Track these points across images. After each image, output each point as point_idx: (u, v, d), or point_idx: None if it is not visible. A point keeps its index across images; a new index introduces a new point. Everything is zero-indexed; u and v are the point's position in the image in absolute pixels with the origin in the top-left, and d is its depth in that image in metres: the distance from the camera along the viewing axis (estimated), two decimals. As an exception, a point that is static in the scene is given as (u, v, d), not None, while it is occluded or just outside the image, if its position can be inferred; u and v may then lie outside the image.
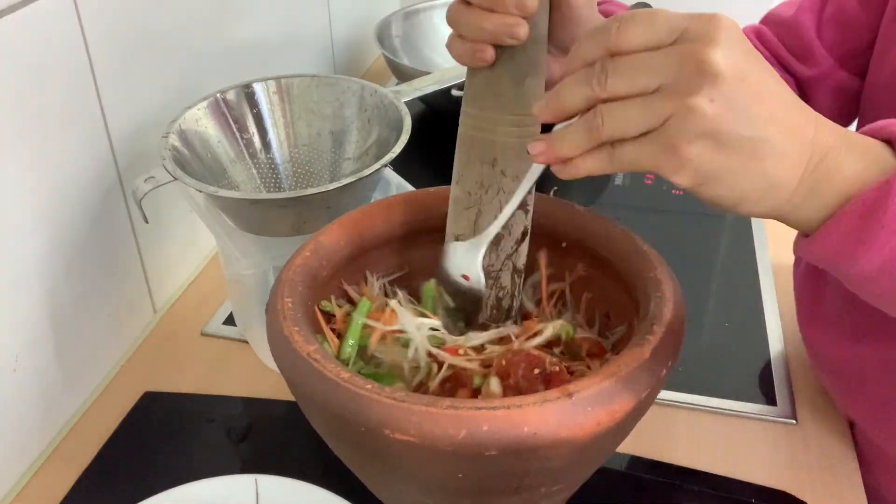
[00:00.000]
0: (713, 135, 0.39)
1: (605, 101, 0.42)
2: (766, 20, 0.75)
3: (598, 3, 0.57)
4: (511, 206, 0.53)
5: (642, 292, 0.53)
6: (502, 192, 0.55)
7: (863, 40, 0.68)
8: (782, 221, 0.45)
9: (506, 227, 0.56)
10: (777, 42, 0.72)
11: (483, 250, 0.56)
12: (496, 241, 0.56)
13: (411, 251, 0.64)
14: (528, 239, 0.57)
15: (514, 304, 0.59)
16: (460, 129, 0.56)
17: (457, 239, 0.57)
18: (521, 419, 0.43)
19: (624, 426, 0.47)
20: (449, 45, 0.52)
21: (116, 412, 0.74)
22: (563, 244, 0.61)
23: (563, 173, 0.45)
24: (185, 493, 0.59)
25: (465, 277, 0.57)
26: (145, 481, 0.65)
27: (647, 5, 0.58)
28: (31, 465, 0.70)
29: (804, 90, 0.72)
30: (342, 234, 0.60)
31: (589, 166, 0.44)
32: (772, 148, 0.41)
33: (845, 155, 0.43)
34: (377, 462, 0.48)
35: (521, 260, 0.57)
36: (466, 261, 0.56)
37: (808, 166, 0.42)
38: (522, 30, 0.49)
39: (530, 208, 0.56)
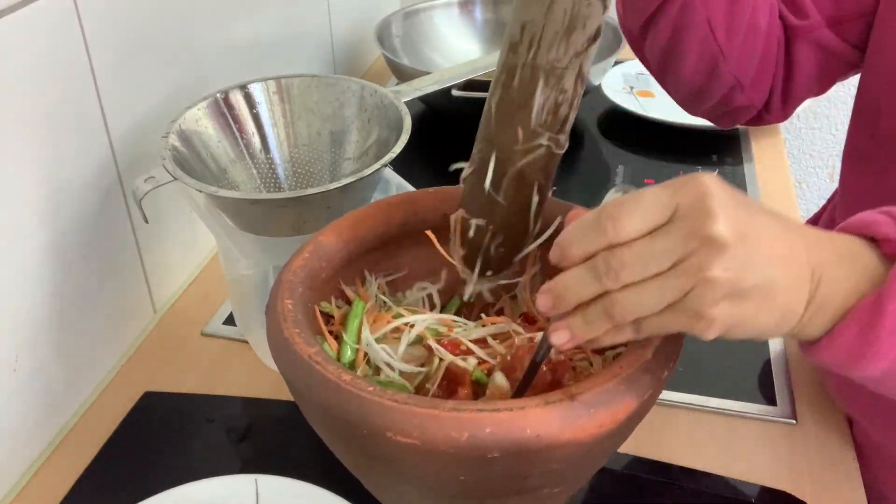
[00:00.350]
0: (733, 294, 0.42)
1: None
2: None
3: None
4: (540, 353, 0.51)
5: None
6: None
7: (853, 9, 0.69)
8: (796, 337, 0.48)
9: (581, 15, 0.50)
10: None
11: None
12: (568, 31, 0.50)
13: (410, 251, 0.64)
14: (598, 42, 0.51)
15: (571, 115, 0.53)
16: None
17: (523, 28, 0.51)
18: (524, 421, 0.43)
19: (626, 427, 0.47)
20: None
21: (116, 412, 0.74)
22: None
23: (588, 345, 0.47)
24: (185, 493, 0.59)
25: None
26: (145, 481, 0.65)
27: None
28: (31, 465, 0.70)
29: (790, 38, 0.72)
30: (341, 235, 0.59)
31: (615, 339, 0.46)
32: (780, 283, 0.44)
33: (837, 269, 0.45)
34: (379, 465, 0.48)
35: (588, 64, 0.51)
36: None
37: (811, 287, 0.45)
38: None
39: (609, 4, 0.50)
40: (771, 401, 0.74)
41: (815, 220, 0.87)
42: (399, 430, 0.43)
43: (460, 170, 0.56)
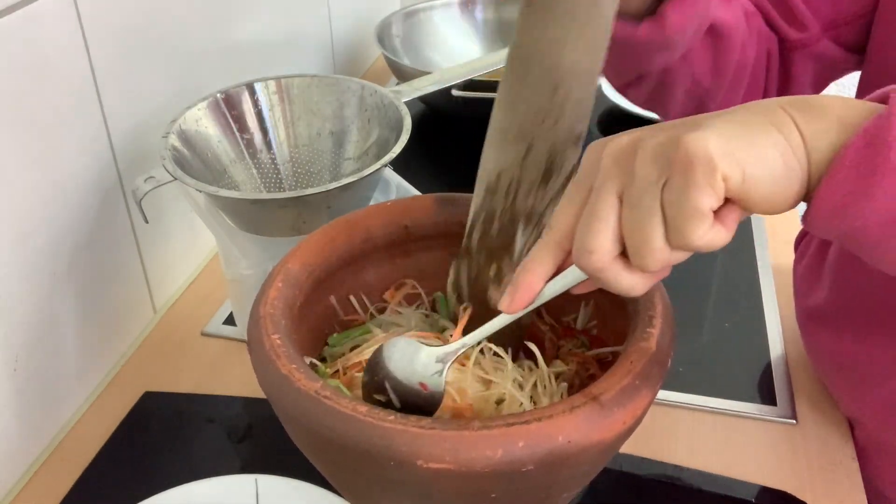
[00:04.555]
0: (703, 128, 0.38)
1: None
2: None
3: None
4: (495, 322, 0.48)
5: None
6: (559, 126, 0.48)
7: (850, 11, 0.67)
8: (813, 172, 0.39)
9: (557, 163, 0.49)
10: (765, 0, 0.71)
11: (449, 365, 0.50)
12: (545, 178, 0.50)
13: (375, 266, 0.63)
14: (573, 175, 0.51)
15: None
16: (516, 43, 0.49)
17: (498, 175, 0.51)
18: (555, 429, 0.43)
19: (640, 421, 0.47)
20: None
21: (116, 412, 0.74)
22: None
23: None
24: (185, 493, 0.58)
25: (423, 386, 0.50)
26: (145, 481, 0.65)
27: None
28: (31, 465, 0.70)
29: (785, 52, 0.71)
30: (308, 260, 0.58)
31: (621, 274, 0.41)
32: (747, 112, 0.39)
33: (819, 100, 0.40)
34: (400, 491, 0.46)
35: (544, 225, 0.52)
36: (430, 370, 0.50)
37: (786, 111, 0.39)
38: None
39: (583, 142, 0.50)
40: (771, 401, 0.74)
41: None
42: (430, 457, 0.42)
43: (460, 170, 0.56)
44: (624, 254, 0.40)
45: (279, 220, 0.70)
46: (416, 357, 0.51)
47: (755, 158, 0.37)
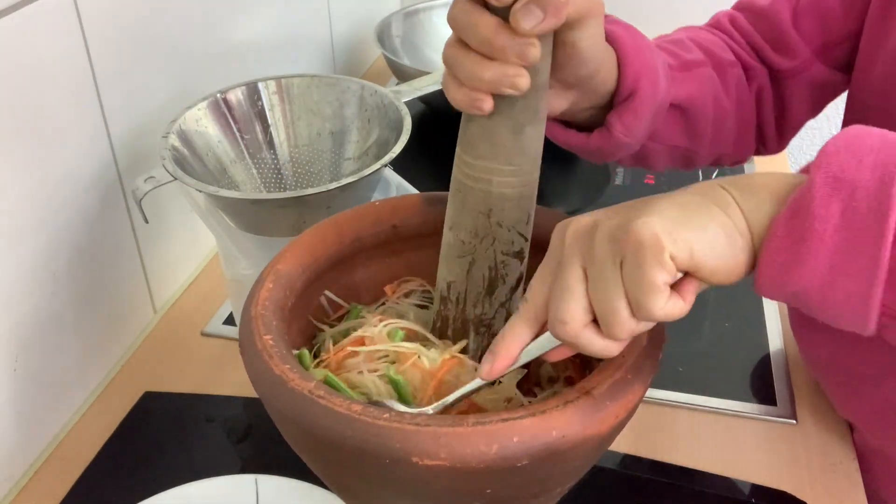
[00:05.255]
0: (648, 215, 0.41)
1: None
2: (740, 6, 0.73)
3: (606, 24, 0.55)
4: (472, 385, 0.50)
5: None
6: (497, 243, 0.53)
7: (842, 31, 0.67)
8: (755, 244, 0.43)
9: (499, 275, 0.54)
10: (752, 30, 0.70)
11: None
12: (490, 290, 0.54)
13: (365, 265, 0.63)
14: (522, 285, 0.55)
15: None
16: (454, 174, 0.53)
17: (448, 286, 0.55)
18: (549, 424, 0.43)
19: (632, 415, 0.48)
20: (445, 87, 0.49)
21: (116, 412, 0.74)
22: None
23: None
24: (185, 493, 0.58)
25: None
26: (145, 481, 0.65)
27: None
28: (32, 464, 0.70)
29: (778, 81, 0.70)
30: (298, 261, 0.57)
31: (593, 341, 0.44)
32: (685, 195, 0.43)
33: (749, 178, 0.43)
34: (395, 489, 0.47)
35: (516, 305, 0.55)
36: None
37: (723, 190, 0.42)
38: (524, 81, 0.46)
39: (525, 256, 0.54)
40: (771, 401, 0.74)
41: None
42: (425, 454, 0.42)
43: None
44: (595, 321, 0.43)
45: (279, 220, 0.70)
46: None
47: (699, 236, 0.40)
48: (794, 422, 0.72)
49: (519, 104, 0.48)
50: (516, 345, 0.46)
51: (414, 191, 0.76)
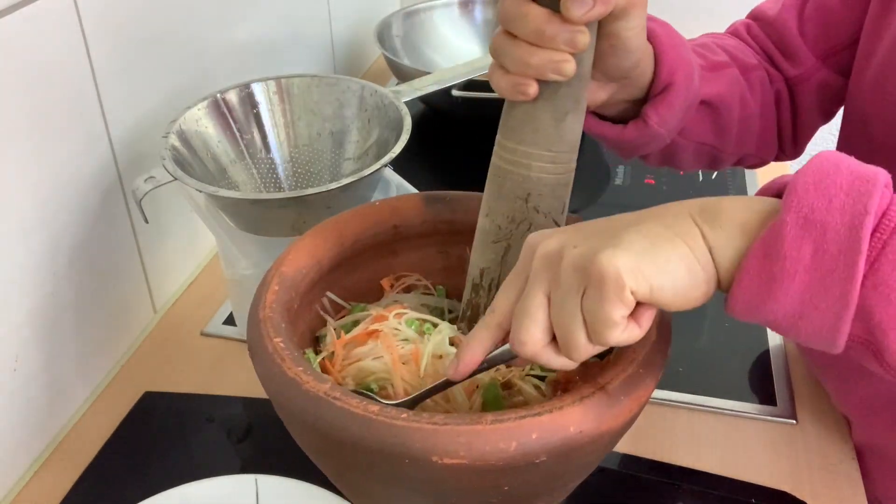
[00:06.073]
0: (611, 247, 0.42)
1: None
2: (753, 15, 0.75)
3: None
4: (444, 384, 0.51)
5: None
6: (533, 228, 0.53)
7: (845, 37, 0.68)
8: (723, 280, 0.44)
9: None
10: (764, 38, 0.72)
11: None
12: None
13: (366, 265, 0.63)
14: None
15: None
16: (493, 160, 0.54)
17: (482, 273, 0.56)
18: (566, 420, 0.44)
19: (643, 409, 0.48)
20: (490, 76, 0.51)
21: (116, 412, 0.74)
22: None
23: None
24: (185, 493, 0.58)
25: None
26: (145, 481, 0.65)
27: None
28: (32, 464, 0.70)
29: (790, 88, 0.72)
30: (302, 263, 0.57)
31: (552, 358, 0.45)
32: (649, 218, 0.44)
33: (718, 201, 0.44)
34: (412, 489, 0.47)
35: None
36: None
37: (691, 214, 0.44)
38: (570, 67, 0.48)
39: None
40: (771, 401, 0.74)
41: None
42: (444, 453, 0.42)
43: (458, 170, 0.57)
44: (555, 339, 0.45)
45: (279, 220, 0.70)
46: None
47: (660, 271, 0.42)
48: (794, 422, 0.72)
49: (562, 91, 0.50)
50: (480, 350, 0.48)
51: (414, 191, 0.76)
